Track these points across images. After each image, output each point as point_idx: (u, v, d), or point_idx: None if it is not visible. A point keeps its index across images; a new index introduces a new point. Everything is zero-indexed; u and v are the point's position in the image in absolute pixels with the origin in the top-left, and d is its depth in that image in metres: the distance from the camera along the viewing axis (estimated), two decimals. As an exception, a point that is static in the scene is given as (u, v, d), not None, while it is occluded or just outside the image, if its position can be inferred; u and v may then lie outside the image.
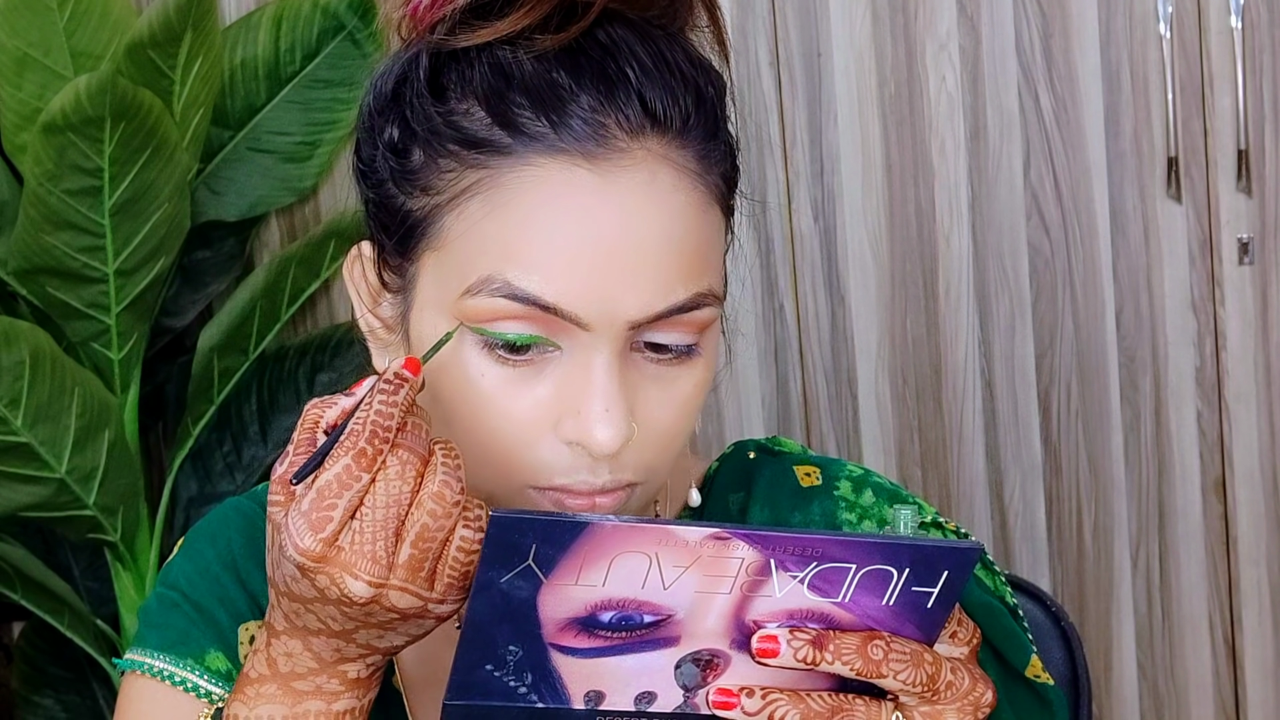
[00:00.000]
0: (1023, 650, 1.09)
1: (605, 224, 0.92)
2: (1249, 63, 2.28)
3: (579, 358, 0.94)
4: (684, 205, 0.95)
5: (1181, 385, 2.37)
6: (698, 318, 0.95)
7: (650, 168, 0.94)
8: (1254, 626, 2.39)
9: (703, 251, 0.96)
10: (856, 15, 2.33)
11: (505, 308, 0.93)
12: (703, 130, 0.97)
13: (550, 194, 0.93)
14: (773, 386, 2.42)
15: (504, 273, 0.93)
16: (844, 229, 2.38)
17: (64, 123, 1.93)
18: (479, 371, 0.95)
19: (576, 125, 0.93)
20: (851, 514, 1.09)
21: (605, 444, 0.93)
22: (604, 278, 0.92)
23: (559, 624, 0.85)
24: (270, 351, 2.30)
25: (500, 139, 0.94)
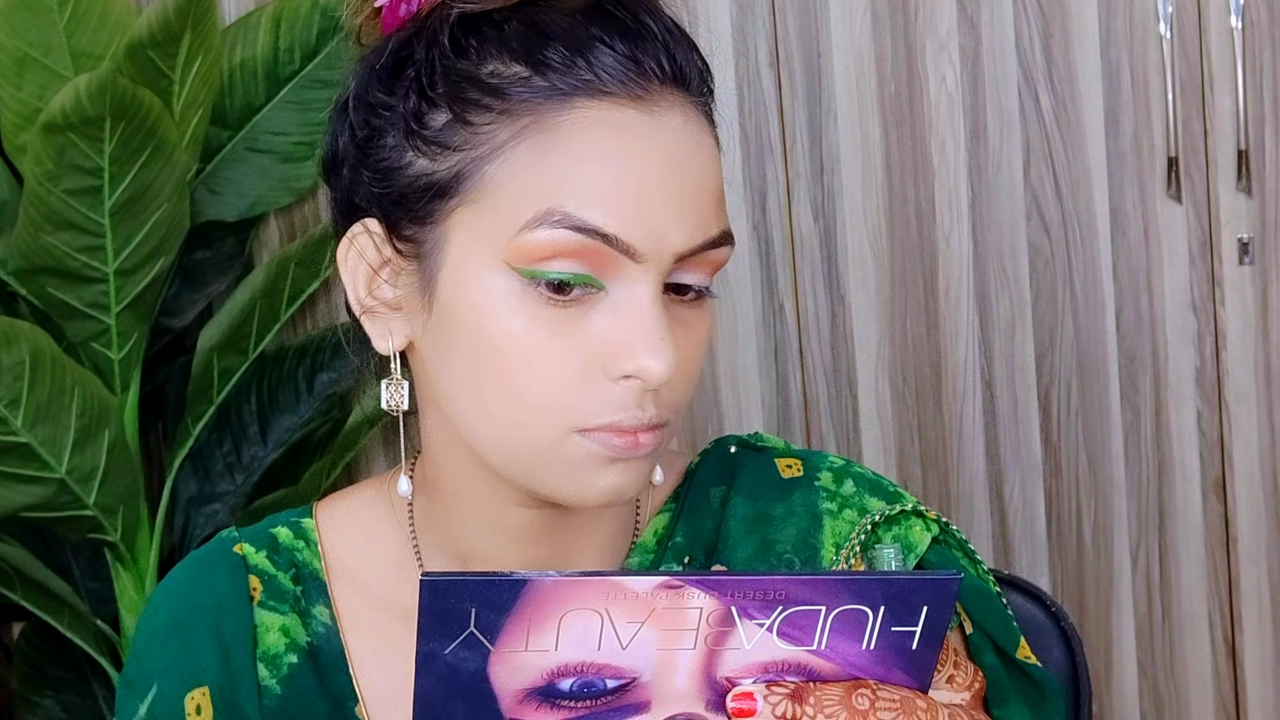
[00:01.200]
0: (1012, 633, 1.09)
1: (654, 160, 0.97)
2: (1249, 63, 2.28)
3: (626, 293, 0.96)
4: (710, 148, 1.01)
5: (1181, 385, 2.37)
6: (719, 256, 0.99)
7: (682, 111, 0.99)
8: (1254, 626, 2.39)
9: (722, 194, 1.01)
10: (856, 15, 2.33)
11: (564, 239, 0.95)
12: (707, 91, 1.03)
13: (602, 133, 0.97)
14: (773, 386, 2.42)
15: (563, 205, 0.95)
16: (844, 229, 2.38)
17: (64, 122, 1.93)
18: (528, 315, 0.96)
19: (616, 71, 0.97)
20: (832, 503, 1.10)
21: (661, 372, 0.95)
22: (655, 210, 0.96)
23: (517, 696, 0.80)
24: (270, 351, 2.30)
25: (542, 86, 0.97)
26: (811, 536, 1.09)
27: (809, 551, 1.08)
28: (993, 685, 1.08)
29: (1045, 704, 1.09)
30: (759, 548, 1.09)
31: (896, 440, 2.42)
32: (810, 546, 1.08)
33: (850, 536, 1.08)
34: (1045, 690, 1.09)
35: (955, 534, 1.11)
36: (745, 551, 1.08)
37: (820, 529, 1.09)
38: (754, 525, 1.09)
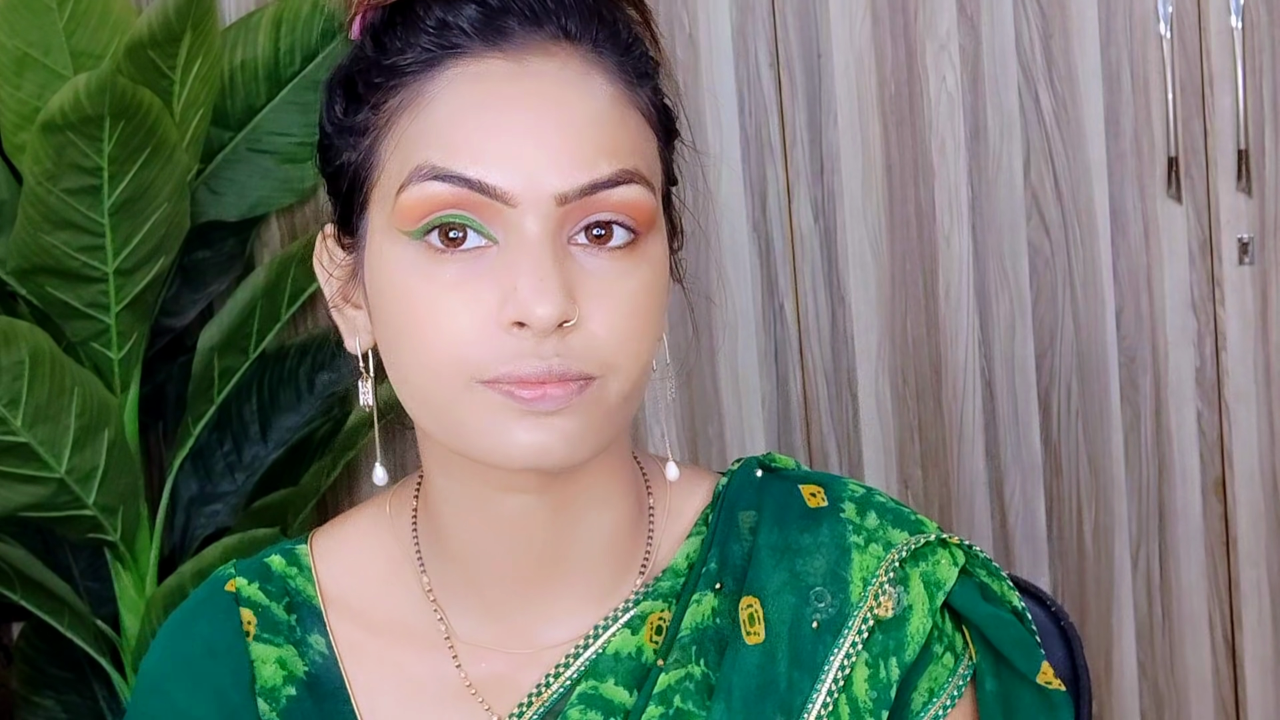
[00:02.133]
0: (1033, 658, 1.10)
1: (523, 105, 0.97)
2: (1249, 63, 2.28)
3: (513, 244, 0.96)
4: (601, 91, 0.99)
5: (1181, 385, 2.37)
6: (629, 197, 0.97)
7: (561, 58, 0.99)
8: (1254, 626, 2.39)
9: (627, 138, 0.99)
10: (856, 16, 2.33)
11: (434, 191, 0.96)
12: (616, 52, 1.01)
13: (467, 86, 0.98)
14: (773, 386, 2.42)
15: (430, 159, 0.97)
16: (844, 229, 2.38)
17: (63, 122, 1.93)
18: (420, 274, 0.97)
19: (479, 23, 0.98)
20: (858, 536, 1.10)
21: (543, 317, 0.94)
22: (526, 153, 0.96)
23: None
24: (270, 351, 2.30)
25: (418, 55, 0.99)
26: (841, 569, 1.08)
27: (838, 585, 1.08)
28: (984, 714, 1.09)
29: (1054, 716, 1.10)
30: (788, 579, 1.08)
31: (896, 440, 2.42)
32: (840, 580, 1.08)
33: (878, 572, 1.08)
34: (1059, 709, 1.10)
35: (978, 556, 1.12)
36: (775, 582, 1.08)
37: (849, 563, 1.08)
38: (782, 556, 1.09)
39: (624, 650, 1.07)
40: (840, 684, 1.06)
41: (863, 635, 1.07)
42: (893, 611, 1.08)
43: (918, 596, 1.08)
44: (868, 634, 1.07)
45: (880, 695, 1.06)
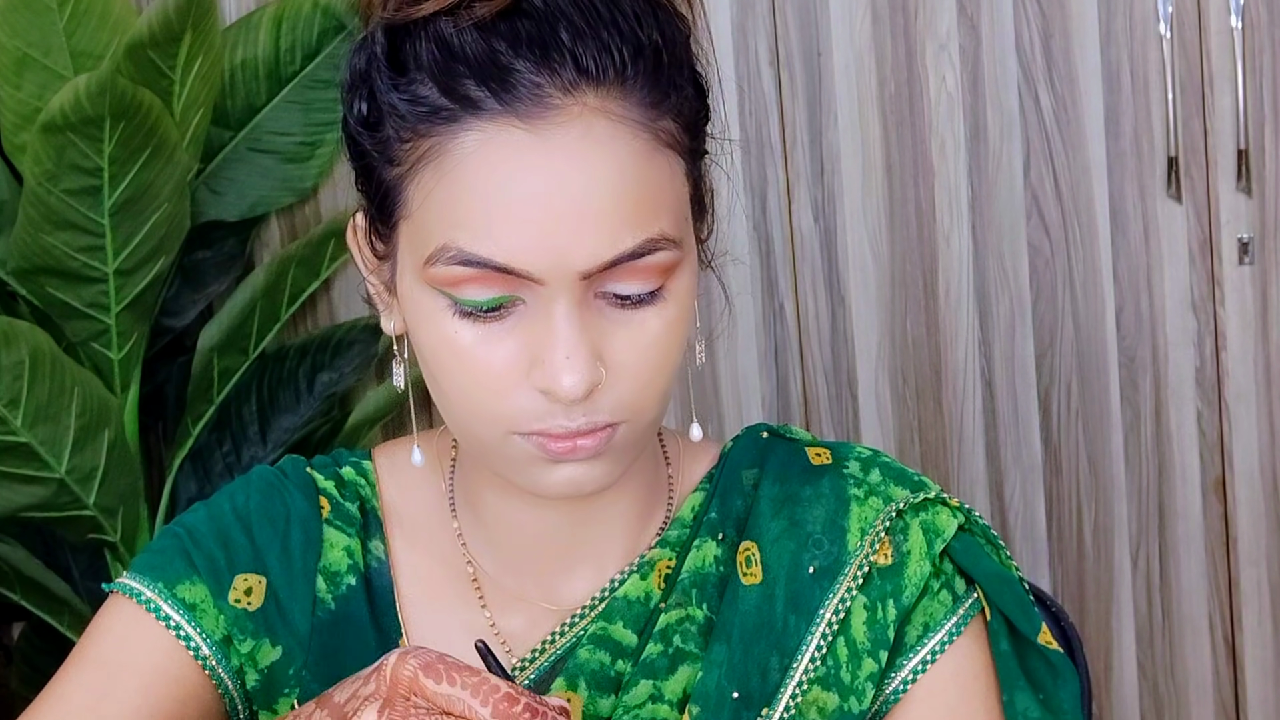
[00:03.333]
0: (1033, 619, 1.11)
1: (545, 181, 0.96)
2: (1249, 63, 2.28)
3: (541, 308, 0.97)
4: (625, 154, 0.97)
5: (1181, 385, 2.37)
6: (652, 263, 0.98)
7: (585, 122, 0.96)
8: (1254, 626, 2.39)
9: (651, 197, 0.98)
10: (856, 15, 2.33)
11: (463, 274, 0.97)
12: (646, 79, 0.99)
13: (489, 157, 0.96)
14: (773, 387, 2.42)
15: (456, 240, 0.97)
16: (844, 229, 2.38)
17: (63, 122, 1.93)
18: (453, 330, 0.99)
19: (515, 89, 0.96)
20: (859, 489, 1.12)
21: (569, 390, 0.96)
22: (550, 233, 0.95)
23: None
24: (270, 351, 2.30)
25: (445, 107, 0.97)
26: (839, 519, 1.11)
27: (836, 533, 1.10)
28: (1003, 672, 1.11)
29: (1058, 682, 1.11)
30: (787, 526, 1.11)
31: (896, 440, 2.42)
32: (838, 528, 1.10)
33: (875, 522, 1.10)
34: (1059, 670, 1.11)
35: (978, 521, 1.13)
36: (775, 530, 1.11)
37: (847, 512, 1.11)
38: (782, 505, 1.12)
39: (633, 594, 1.11)
40: (836, 627, 1.08)
41: (858, 580, 1.09)
42: (891, 559, 1.10)
43: (916, 543, 1.10)
44: (864, 579, 1.09)
45: (878, 636, 1.09)
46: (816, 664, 1.08)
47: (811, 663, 1.08)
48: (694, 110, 1.02)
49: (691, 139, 1.02)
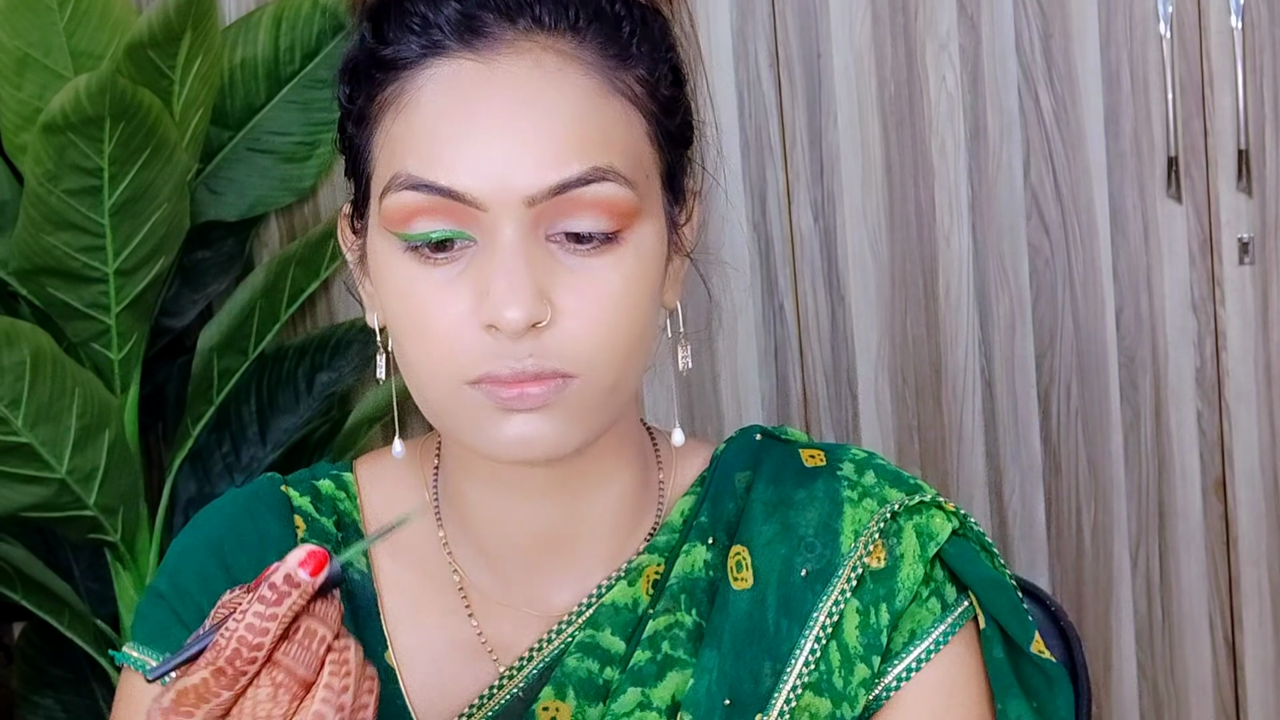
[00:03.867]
0: (1027, 627, 1.11)
1: (492, 107, 0.98)
2: (1249, 63, 2.28)
3: (489, 246, 0.98)
4: (575, 88, 0.99)
5: (1181, 385, 2.37)
6: (602, 194, 0.98)
7: (534, 55, 0.99)
8: (1254, 626, 2.39)
9: (601, 132, 0.99)
10: (856, 16, 2.33)
11: (412, 200, 0.98)
12: (603, 37, 1.01)
13: (441, 89, 0.99)
14: (773, 386, 2.42)
15: (406, 168, 0.98)
16: (844, 229, 2.38)
17: (64, 122, 1.93)
18: (406, 276, 1.00)
19: (457, 21, 0.99)
20: (853, 491, 1.11)
21: (511, 321, 0.96)
22: (495, 157, 0.97)
23: None
24: (270, 351, 2.30)
25: (402, 53, 1.00)
26: (832, 521, 1.10)
27: (829, 535, 1.09)
28: (996, 679, 1.10)
29: (1053, 692, 1.10)
30: (780, 530, 1.10)
31: (896, 440, 2.42)
32: (831, 530, 1.09)
33: (869, 524, 1.09)
34: (1053, 679, 1.10)
35: (973, 527, 1.12)
36: (767, 534, 1.10)
37: (841, 515, 1.10)
38: (775, 509, 1.11)
39: (621, 601, 1.09)
40: (829, 631, 1.07)
41: (852, 584, 1.08)
42: (884, 562, 1.09)
43: (909, 546, 1.09)
44: (857, 583, 1.08)
45: (871, 641, 1.07)
46: (810, 669, 1.07)
47: (805, 667, 1.07)
48: (663, 86, 1.04)
49: (661, 110, 1.04)
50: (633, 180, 1.00)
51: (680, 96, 1.06)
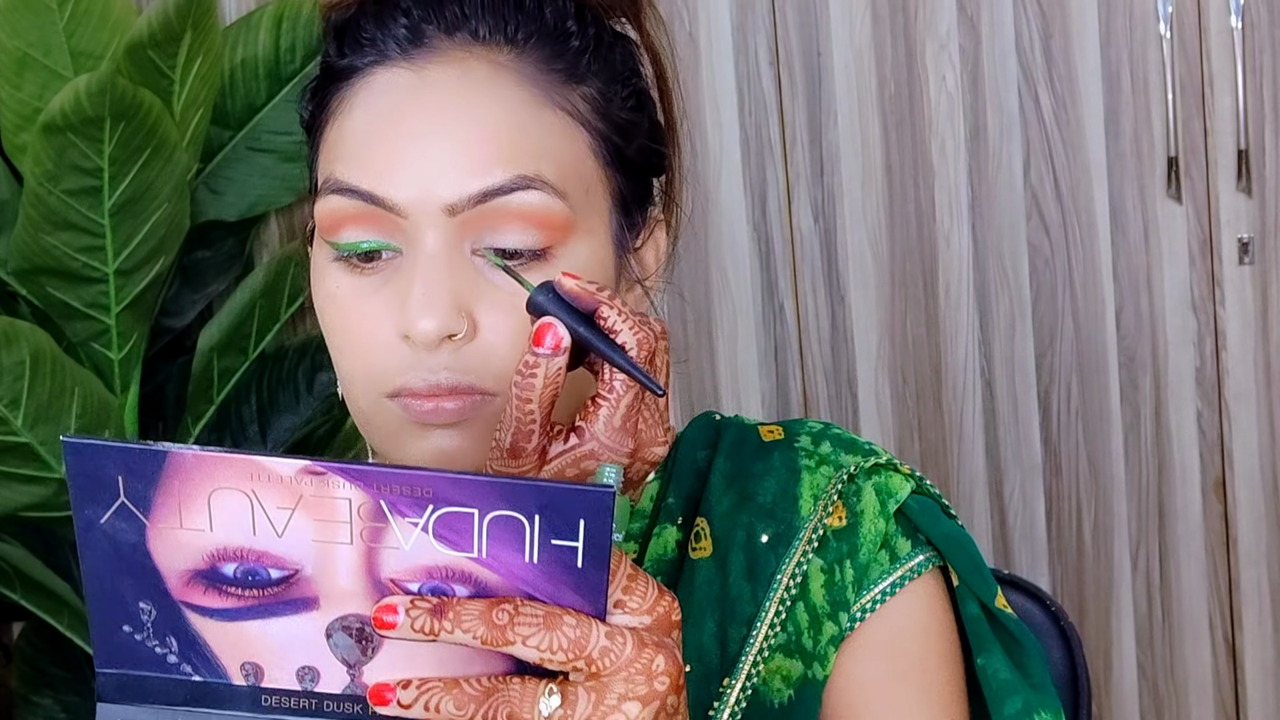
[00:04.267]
0: (989, 584, 1.10)
1: (418, 115, 0.97)
2: (1249, 63, 2.28)
3: (410, 253, 0.97)
4: (505, 98, 0.98)
5: (1181, 385, 2.37)
6: (528, 206, 0.96)
7: (466, 65, 0.99)
8: (1254, 626, 2.39)
9: (531, 143, 0.97)
10: (856, 15, 2.33)
11: (337, 204, 0.97)
12: (545, 54, 1.00)
13: (373, 95, 0.99)
14: (773, 386, 2.42)
15: (335, 172, 0.98)
16: (844, 229, 2.38)
17: (64, 123, 1.93)
18: (334, 285, 0.99)
19: (400, 34, 0.99)
20: (810, 460, 1.10)
21: (424, 330, 0.94)
22: (417, 163, 0.96)
23: (182, 578, 0.80)
24: (270, 351, 2.30)
25: (353, 64, 1.00)
26: (790, 488, 1.09)
27: (788, 501, 1.08)
28: (974, 635, 1.09)
29: (1023, 656, 1.09)
30: (738, 500, 1.09)
31: (896, 440, 2.42)
32: (789, 496, 1.08)
33: (827, 487, 1.08)
34: (1023, 643, 1.09)
35: (930, 489, 1.12)
36: (725, 505, 1.09)
37: (799, 481, 1.09)
38: (733, 480, 1.10)
39: None
40: (794, 592, 1.06)
41: (814, 545, 1.07)
42: (845, 521, 1.08)
43: (869, 503, 1.08)
44: (819, 543, 1.07)
45: (838, 598, 1.06)
46: (776, 631, 1.06)
47: (771, 629, 1.06)
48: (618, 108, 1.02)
49: (613, 130, 1.02)
50: (565, 192, 0.98)
51: (640, 121, 1.04)
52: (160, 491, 0.78)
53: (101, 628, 0.81)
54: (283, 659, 0.81)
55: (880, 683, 1.06)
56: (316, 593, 0.80)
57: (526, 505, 0.77)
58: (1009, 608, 1.10)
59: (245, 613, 0.80)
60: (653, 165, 1.06)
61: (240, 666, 0.81)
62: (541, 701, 0.78)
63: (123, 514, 0.79)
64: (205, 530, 0.78)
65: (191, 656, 0.81)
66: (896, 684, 1.06)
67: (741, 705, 1.05)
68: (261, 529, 0.78)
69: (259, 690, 0.81)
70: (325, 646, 0.80)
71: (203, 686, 0.81)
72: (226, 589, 0.80)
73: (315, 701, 0.81)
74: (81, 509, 0.78)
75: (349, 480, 0.77)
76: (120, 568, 0.79)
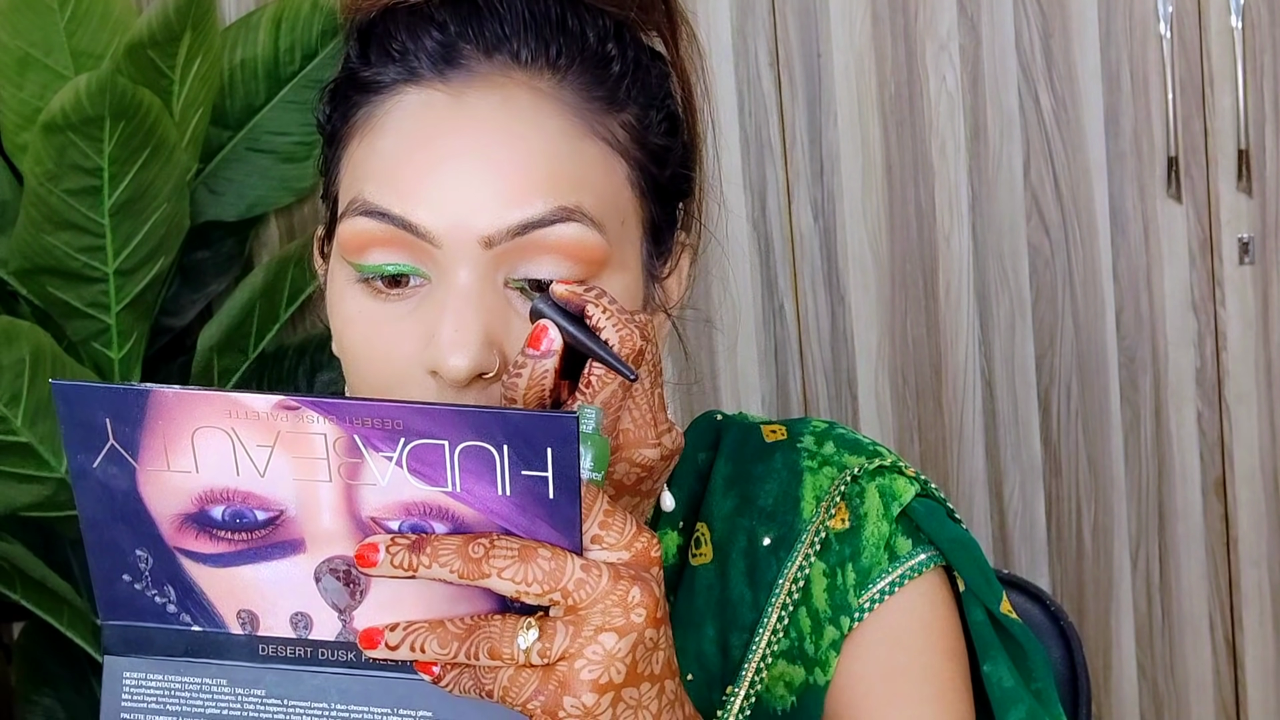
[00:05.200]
0: (994, 588, 1.09)
1: (456, 140, 0.94)
2: (1249, 63, 2.28)
3: (442, 287, 0.94)
4: (547, 127, 0.95)
5: (1181, 385, 2.37)
6: (566, 239, 0.93)
7: (507, 91, 0.95)
8: (1254, 626, 2.39)
9: (571, 173, 0.94)
10: (856, 15, 2.33)
11: (365, 227, 0.94)
12: (586, 79, 0.97)
13: (407, 116, 0.95)
14: (773, 386, 2.42)
15: (364, 193, 0.94)
16: (844, 229, 2.38)
17: (64, 122, 1.93)
18: (356, 308, 0.96)
19: (435, 51, 0.95)
20: (813, 461, 1.08)
21: (455, 368, 0.91)
22: (455, 193, 0.92)
23: (174, 522, 0.80)
24: (269, 351, 2.30)
25: (379, 76, 0.97)
26: (792, 490, 1.08)
27: (789, 503, 1.07)
28: (980, 641, 1.08)
29: (1025, 652, 1.09)
30: (739, 503, 1.08)
31: (896, 440, 2.42)
32: (791, 499, 1.07)
33: (829, 489, 1.07)
34: (1026, 649, 1.09)
35: (935, 492, 1.11)
36: (725, 508, 1.08)
37: (801, 483, 1.08)
38: (734, 484, 1.09)
39: None
40: (796, 597, 1.05)
41: (815, 548, 1.06)
42: (848, 523, 1.07)
43: (873, 505, 1.07)
44: (821, 546, 1.06)
45: (840, 602, 1.05)
46: (779, 637, 1.05)
47: (774, 635, 1.05)
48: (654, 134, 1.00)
49: (649, 158, 1.00)
50: (603, 225, 0.95)
51: (674, 146, 1.02)
52: (146, 432, 0.79)
53: (102, 578, 0.82)
54: (276, 605, 0.82)
55: (880, 679, 1.05)
56: (302, 534, 0.80)
57: (494, 434, 0.77)
58: (1014, 612, 1.10)
59: (236, 558, 0.81)
60: (681, 190, 1.04)
61: (237, 615, 0.82)
62: (520, 636, 0.79)
63: (113, 458, 0.79)
64: (192, 472, 0.79)
65: (189, 605, 0.82)
66: (897, 680, 1.05)
67: (745, 713, 1.05)
68: (245, 468, 0.79)
69: (255, 639, 0.82)
70: (315, 591, 0.81)
71: (202, 637, 0.83)
72: (217, 533, 0.80)
73: (310, 649, 0.82)
74: (74, 455, 0.79)
75: (322, 414, 0.78)
76: (115, 515, 0.80)
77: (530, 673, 0.79)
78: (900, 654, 1.06)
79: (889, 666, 1.05)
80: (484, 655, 0.79)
